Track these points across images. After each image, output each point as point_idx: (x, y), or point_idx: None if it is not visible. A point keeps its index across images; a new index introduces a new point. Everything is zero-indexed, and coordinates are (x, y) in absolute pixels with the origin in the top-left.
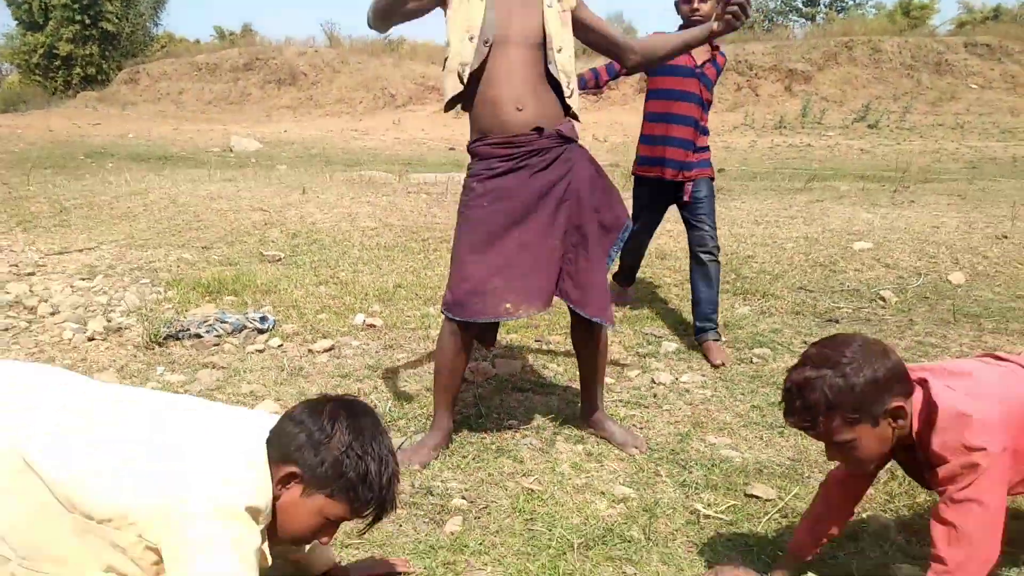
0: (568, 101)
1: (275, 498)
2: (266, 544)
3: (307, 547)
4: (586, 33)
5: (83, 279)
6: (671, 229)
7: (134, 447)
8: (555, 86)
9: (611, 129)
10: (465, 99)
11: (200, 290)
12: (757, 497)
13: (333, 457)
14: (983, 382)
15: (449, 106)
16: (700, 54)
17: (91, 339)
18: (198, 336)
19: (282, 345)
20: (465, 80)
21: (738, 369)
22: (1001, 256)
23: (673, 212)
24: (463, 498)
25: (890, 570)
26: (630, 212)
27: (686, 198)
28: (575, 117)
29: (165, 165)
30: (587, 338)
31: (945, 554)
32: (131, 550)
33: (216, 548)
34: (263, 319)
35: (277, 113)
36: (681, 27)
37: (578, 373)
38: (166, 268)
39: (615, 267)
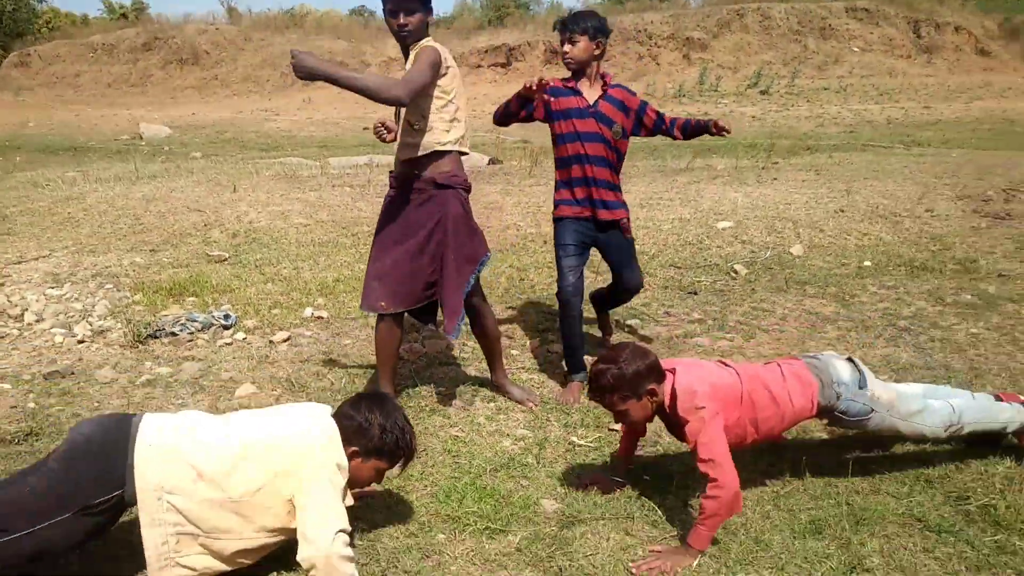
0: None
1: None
2: (343, 487)
3: None
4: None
5: (52, 287)
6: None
7: (256, 441)
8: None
9: None
10: None
11: (163, 293)
12: (615, 430)
13: (376, 436)
14: (706, 372)
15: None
16: (591, 93)
17: (80, 342)
18: (174, 334)
19: (246, 338)
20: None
21: (616, 336)
22: (836, 228)
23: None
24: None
25: None
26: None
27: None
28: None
29: (75, 156)
30: (480, 328)
31: (712, 474)
32: (273, 506)
33: (325, 487)
34: (226, 316)
35: (183, 95)
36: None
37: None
38: (123, 273)
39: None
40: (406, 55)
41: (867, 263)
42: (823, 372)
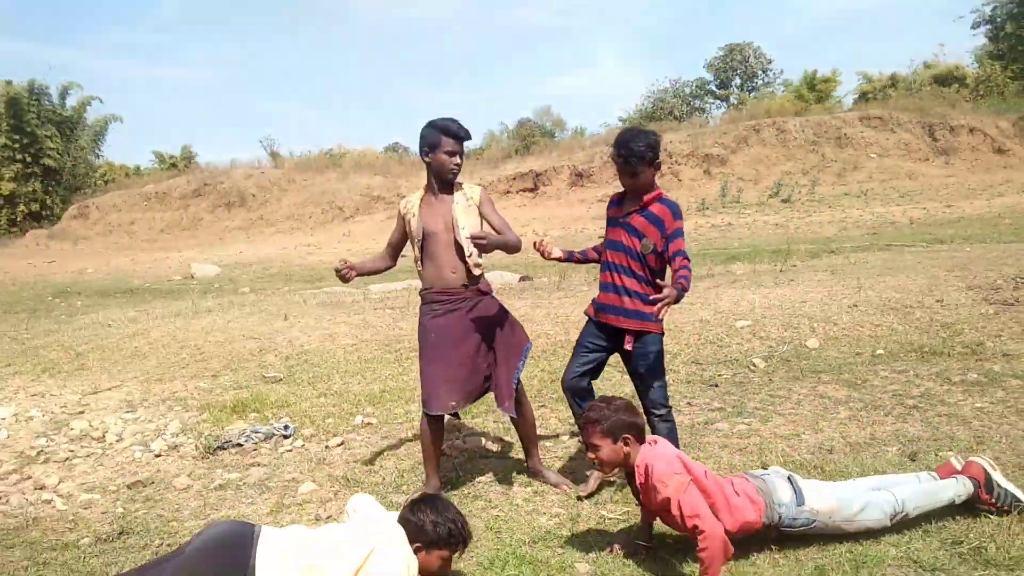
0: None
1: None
2: None
3: None
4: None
5: (127, 412)
6: None
7: (354, 550)
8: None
9: (549, 223)
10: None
11: (227, 411)
12: (640, 504)
13: (431, 531)
14: (677, 454)
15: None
16: (628, 204)
17: (157, 456)
18: (240, 445)
19: (304, 445)
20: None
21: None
22: (849, 322)
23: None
24: None
25: None
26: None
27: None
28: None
29: (132, 298)
30: (520, 418)
31: (699, 526)
32: None
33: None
34: (286, 427)
35: (230, 235)
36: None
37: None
38: (189, 396)
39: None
40: (447, 189)
41: (880, 351)
42: (767, 494)
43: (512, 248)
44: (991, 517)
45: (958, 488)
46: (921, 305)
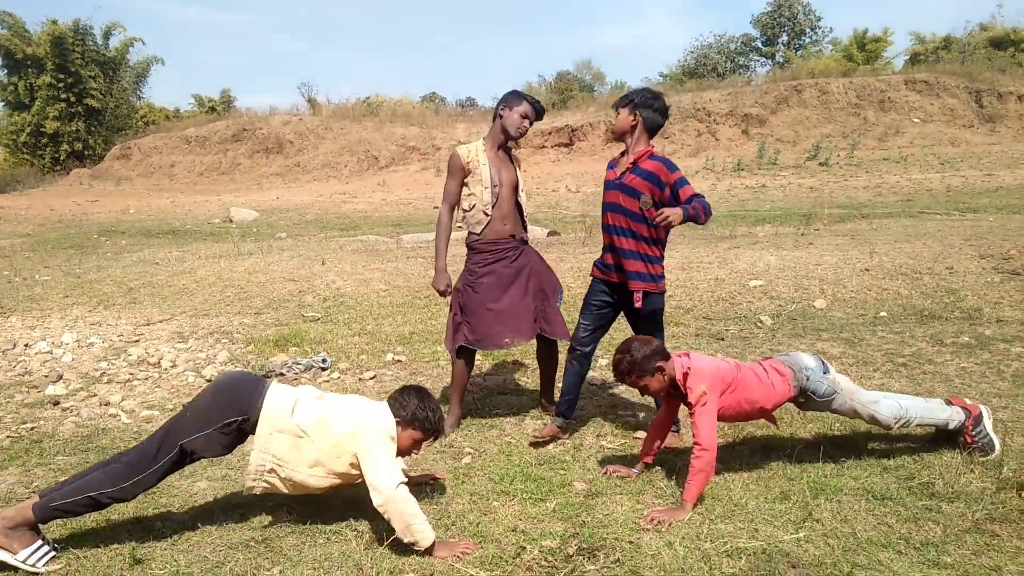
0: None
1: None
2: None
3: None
4: None
5: (179, 342)
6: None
7: (336, 411)
8: (519, 210)
9: (582, 179)
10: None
11: (270, 344)
12: (638, 438)
13: (412, 411)
14: (712, 362)
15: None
16: (622, 165)
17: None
18: (282, 374)
19: (340, 376)
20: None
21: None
22: (858, 285)
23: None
24: (470, 449)
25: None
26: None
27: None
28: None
29: (174, 239)
30: (548, 355)
31: (698, 437)
32: (341, 456)
33: (381, 450)
34: (324, 360)
35: (268, 181)
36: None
37: (538, 381)
38: (235, 331)
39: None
40: (506, 149)
41: (883, 313)
42: (793, 363)
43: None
44: (944, 458)
45: (952, 413)
46: (931, 271)
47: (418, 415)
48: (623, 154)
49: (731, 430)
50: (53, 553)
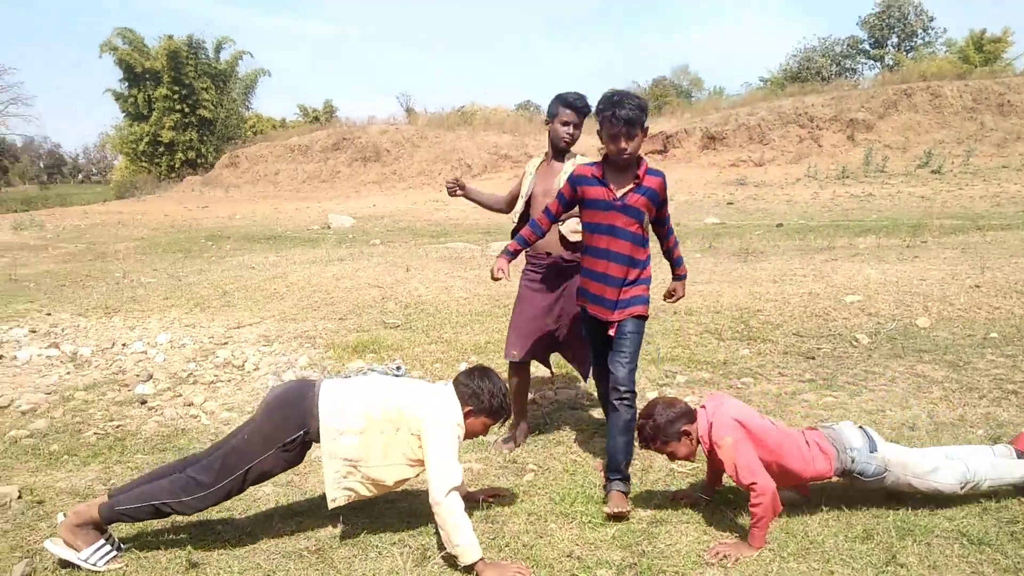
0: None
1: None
2: (462, 439)
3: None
4: None
5: (264, 345)
6: (705, 289)
7: (399, 397)
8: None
9: (677, 187)
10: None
11: (349, 350)
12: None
13: (485, 397)
14: (733, 408)
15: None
16: (614, 181)
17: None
18: None
19: None
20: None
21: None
22: (967, 303)
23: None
24: (533, 465)
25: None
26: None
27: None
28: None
29: (274, 244)
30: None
31: (752, 485)
32: (408, 441)
33: (444, 445)
34: (398, 367)
35: (365, 188)
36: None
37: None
38: (318, 335)
39: None
40: (560, 157)
41: (993, 334)
42: (838, 440)
43: None
44: None
45: None
46: None
47: (488, 402)
48: (601, 165)
49: None
50: (115, 553)
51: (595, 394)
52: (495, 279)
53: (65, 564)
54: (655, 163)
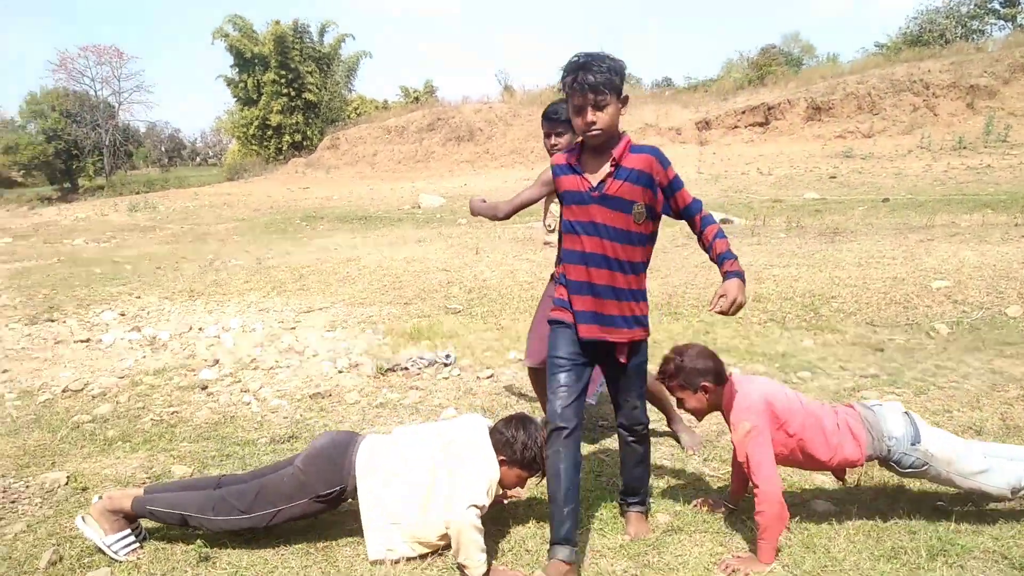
0: None
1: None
2: (495, 484)
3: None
4: None
5: (328, 331)
6: (780, 273)
7: (446, 460)
8: None
9: (776, 161)
10: None
11: (406, 336)
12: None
13: (518, 450)
14: (766, 387)
15: None
16: (589, 167)
17: (340, 371)
18: (406, 369)
19: (460, 374)
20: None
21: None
22: None
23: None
24: None
25: (811, 505)
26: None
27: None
28: None
29: (364, 224)
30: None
31: (756, 482)
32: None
33: (481, 475)
34: (447, 356)
35: (458, 168)
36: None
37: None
38: (381, 320)
39: None
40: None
41: None
42: (874, 427)
43: None
44: None
45: None
46: None
47: (520, 454)
48: (575, 151)
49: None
50: (137, 545)
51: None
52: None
53: (87, 549)
54: (753, 136)
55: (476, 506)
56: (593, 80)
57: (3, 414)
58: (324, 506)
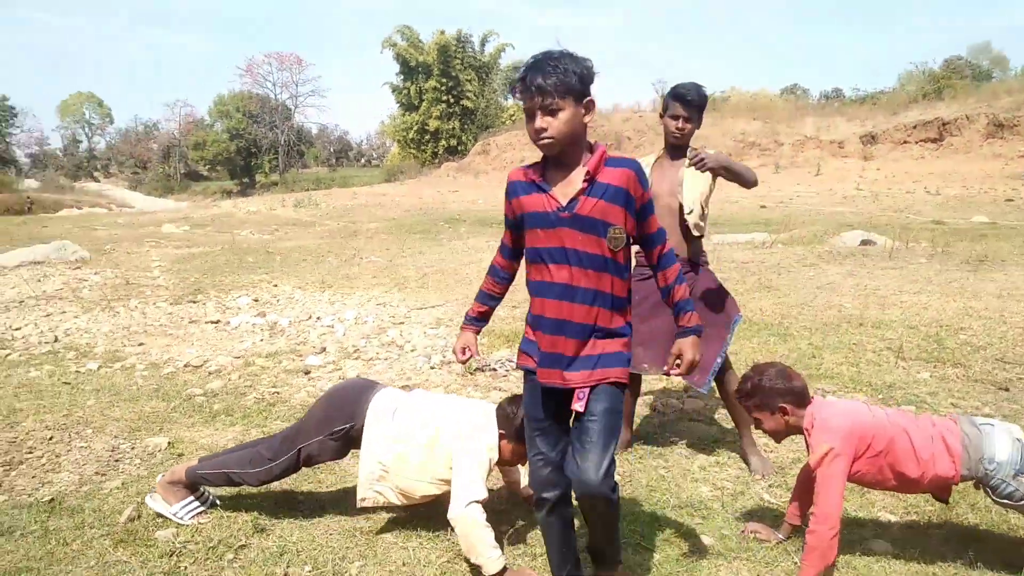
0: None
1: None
2: (494, 462)
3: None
4: None
5: (432, 328)
6: (909, 300)
7: (439, 415)
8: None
9: (947, 180)
10: None
11: (501, 338)
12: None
13: (514, 423)
14: (849, 411)
15: None
16: (556, 184)
17: (432, 367)
18: (494, 370)
19: None
20: None
21: None
22: None
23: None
24: (616, 476)
25: (868, 543)
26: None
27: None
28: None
29: (500, 229)
30: (723, 395)
31: (817, 503)
32: (442, 458)
33: (470, 460)
34: None
35: None
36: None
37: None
38: None
39: None
40: (678, 154)
41: None
42: (974, 446)
43: (743, 179)
44: None
45: None
46: None
47: (521, 432)
48: (539, 167)
49: (915, 499)
50: (201, 509)
51: (721, 408)
52: (461, 362)
53: (159, 516)
54: (924, 152)
55: (476, 501)
56: (542, 82)
57: (130, 383)
58: (336, 447)
